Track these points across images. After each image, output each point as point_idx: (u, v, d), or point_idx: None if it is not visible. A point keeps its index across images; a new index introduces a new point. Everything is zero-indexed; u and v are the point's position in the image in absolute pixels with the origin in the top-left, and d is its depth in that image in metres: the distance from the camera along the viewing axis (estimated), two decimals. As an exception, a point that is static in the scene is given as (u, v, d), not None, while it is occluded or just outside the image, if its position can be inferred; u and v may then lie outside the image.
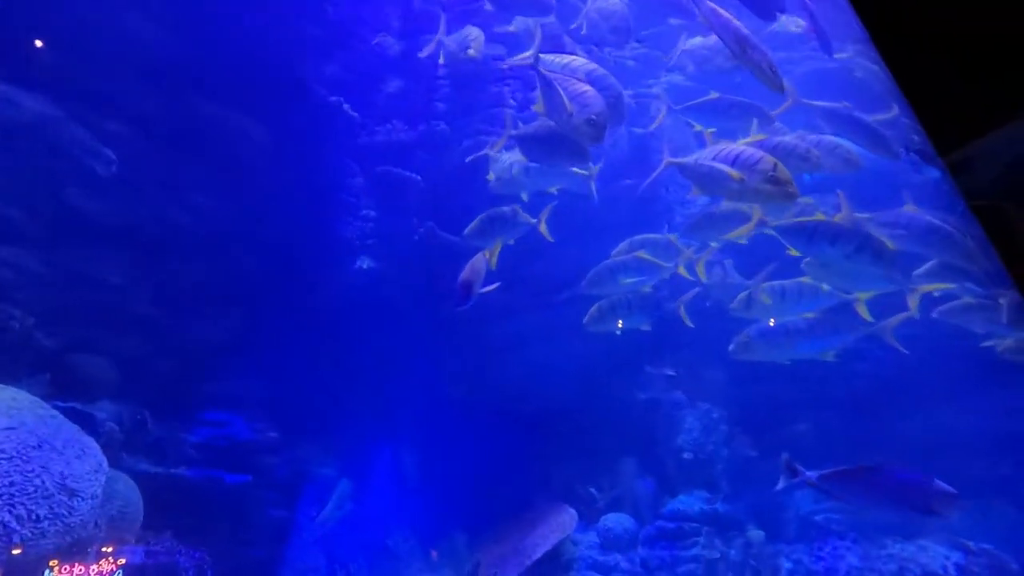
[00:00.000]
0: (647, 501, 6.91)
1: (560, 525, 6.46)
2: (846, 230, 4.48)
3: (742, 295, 5.30)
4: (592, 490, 7.01)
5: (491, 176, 5.47)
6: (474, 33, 5.60)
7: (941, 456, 6.10)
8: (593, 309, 5.79)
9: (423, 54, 5.75)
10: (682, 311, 5.76)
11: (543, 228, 5.44)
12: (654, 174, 4.71)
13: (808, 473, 4.13)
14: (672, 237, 5.65)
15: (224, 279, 6.73)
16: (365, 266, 7.05)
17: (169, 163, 6.13)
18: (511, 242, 5.49)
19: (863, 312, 4.90)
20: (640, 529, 6.66)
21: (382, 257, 7.13)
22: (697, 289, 5.86)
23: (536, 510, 6.77)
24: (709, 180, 4.10)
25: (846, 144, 4.95)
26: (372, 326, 7.10)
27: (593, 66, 4.53)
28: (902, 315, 4.93)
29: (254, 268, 6.86)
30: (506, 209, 5.40)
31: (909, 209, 4.79)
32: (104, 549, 4.68)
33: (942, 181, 5.06)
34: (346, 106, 6.76)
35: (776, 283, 5.23)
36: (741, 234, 4.79)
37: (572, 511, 6.62)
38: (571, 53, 5.02)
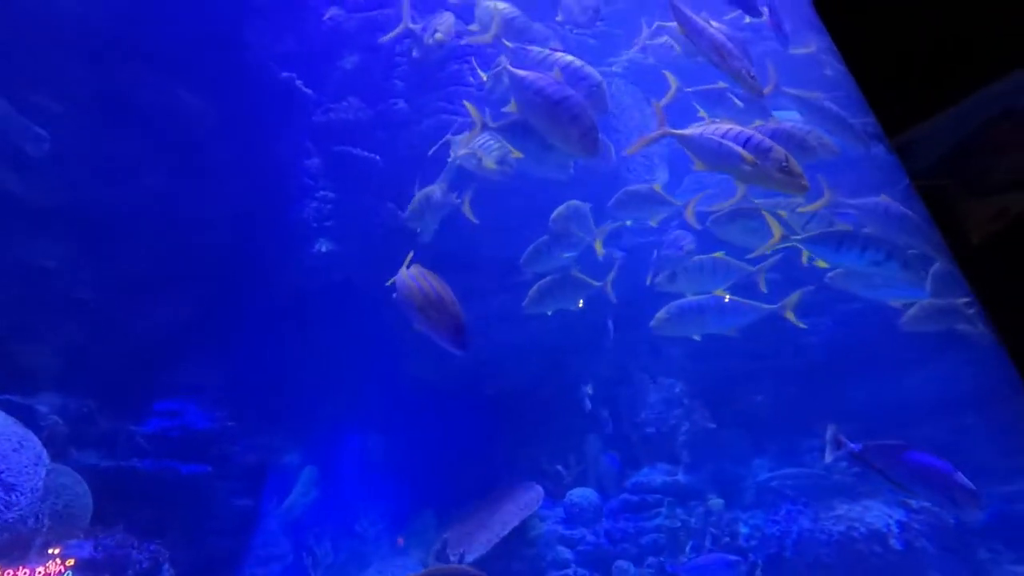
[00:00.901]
0: (611, 476, 7.06)
1: (527, 502, 6.54)
2: (874, 239, 4.53)
3: (664, 270, 5.43)
4: (558, 467, 7.11)
5: (452, 156, 5.34)
6: (444, 17, 5.39)
7: (888, 421, 6.43)
8: (532, 291, 5.78)
9: (385, 39, 5.49)
10: (609, 287, 5.82)
11: (466, 209, 5.36)
12: (645, 140, 4.39)
13: (852, 445, 4.31)
14: (656, 186, 5.63)
15: (175, 262, 6.45)
16: (324, 249, 6.87)
17: (109, 141, 5.79)
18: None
19: (763, 287, 5.14)
20: (605, 503, 6.80)
21: (341, 239, 6.96)
22: (615, 269, 5.93)
23: (503, 488, 6.83)
24: (716, 157, 3.92)
25: (820, 132, 5.04)
26: (332, 309, 6.95)
27: (569, 59, 4.33)
28: (799, 292, 5.22)
29: (207, 251, 6.59)
30: (436, 189, 5.31)
31: (884, 199, 4.96)
32: (51, 550, 4.50)
33: (886, 159, 5.26)
34: (299, 82, 6.51)
35: (696, 258, 5.37)
36: (767, 249, 4.83)
37: (539, 488, 6.71)
38: (530, 31, 4.92)
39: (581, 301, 6.19)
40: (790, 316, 5.18)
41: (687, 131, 4.05)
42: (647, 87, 6.87)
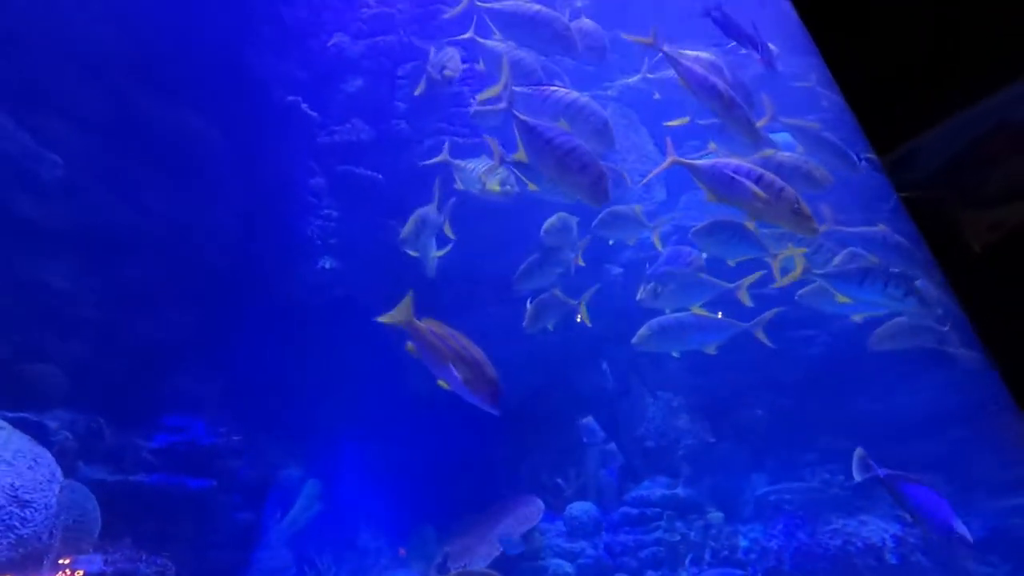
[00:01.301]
0: (611, 489, 7.12)
1: (527, 515, 6.60)
2: (895, 275, 4.66)
3: (648, 286, 5.55)
4: (559, 480, 7.17)
5: (459, 185, 5.44)
6: (450, 53, 5.50)
7: (884, 435, 6.50)
8: (529, 309, 5.89)
9: (418, 92, 5.57)
10: (583, 310, 5.92)
11: (447, 229, 5.45)
12: (657, 170, 4.52)
13: (879, 470, 4.45)
14: (637, 208, 5.74)
15: (181, 280, 6.60)
16: (328, 265, 7.01)
17: (119, 163, 5.96)
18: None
19: (745, 300, 5.29)
20: (605, 516, 6.86)
21: (344, 256, 7.10)
22: (597, 286, 6.01)
23: (504, 502, 6.90)
24: (728, 191, 4.01)
25: (816, 163, 5.19)
26: (335, 324, 7.08)
27: (574, 96, 4.44)
28: (773, 311, 5.32)
29: (213, 268, 6.74)
30: (429, 210, 5.43)
31: (882, 228, 5.16)
32: (60, 561, 4.59)
33: (874, 177, 5.40)
34: (304, 106, 6.69)
35: (677, 273, 5.49)
36: (784, 283, 4.94)
37: (539, 501, 6.78)
38: (536, 73, 4.99)
39: (582, 315, 6.26)
40: (760, 336, 5.30)
41: (698, 162, 4.13)
42: (641, 110, 7.02)
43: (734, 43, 5.36)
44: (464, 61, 5.72)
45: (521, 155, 4.07)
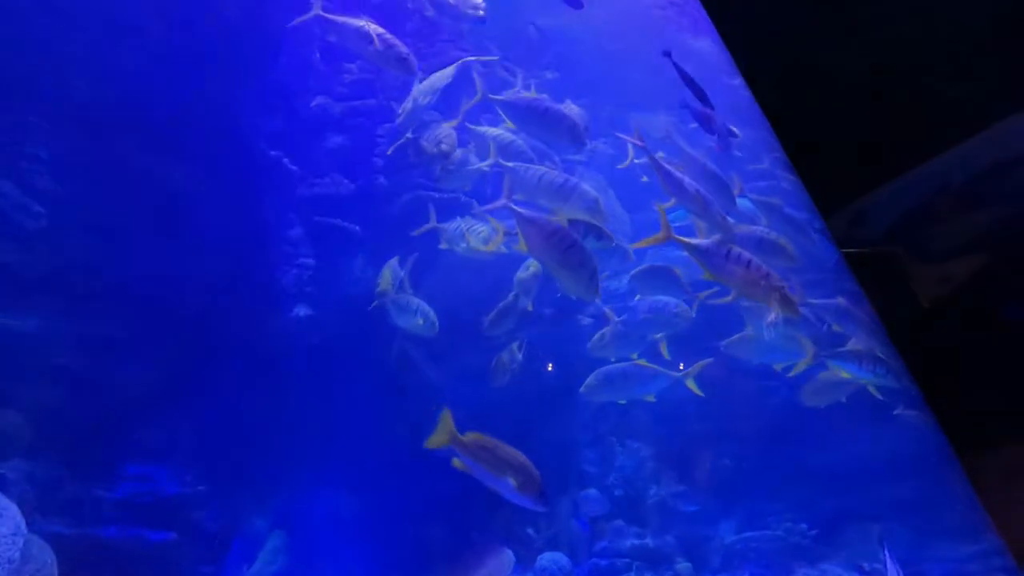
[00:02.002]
0: (581, 539, 7.14)
1: (498, 568, 6.56)
2: (883, 358, 5.27)
3: (599, 333, 5.92)
4: (529, 530, 7.17)
5: (444, 245, 5.75)
6: (447, 131, 5.88)
7: (846, 481, 6.71)
8: (494, 363, 6.12)
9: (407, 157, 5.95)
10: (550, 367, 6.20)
11: (406, 282, 5.59)
12: (649, 240, 4.73)
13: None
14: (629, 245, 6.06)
15: (152, 327, 6.60)
16: (302, 314, 7.10)
17: (102, 214, 6.08)
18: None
19: (664, 353, 5.82)
20: (575, 567, 6.85)
21: (319, 305, 7.21)
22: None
23: (474, 553, 6.85)
24: (721, 272, 4.36)
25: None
26: (308, 373, 7.10)
27: (564, 178, 4.81)
28: (703, 362, 5.76)
29: (184, 315, 6.77)
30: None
31: (841, 302, 5.72)
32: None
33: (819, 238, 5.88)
34: (285, 160, 6.94)
35: (619, 322, 5.86)
36: (801, 368, 5.50)
37: (509, 552, 6.75)
38: (526, 153, 5.36)
39: (551, 365, 6.49)
40: (691, 385, 5.66)
41: (694, 241, 4.45)
42: (609, 174, 7.45)
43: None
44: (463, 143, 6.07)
45: (523, 246, 4.38)
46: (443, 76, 5.87)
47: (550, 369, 6.84)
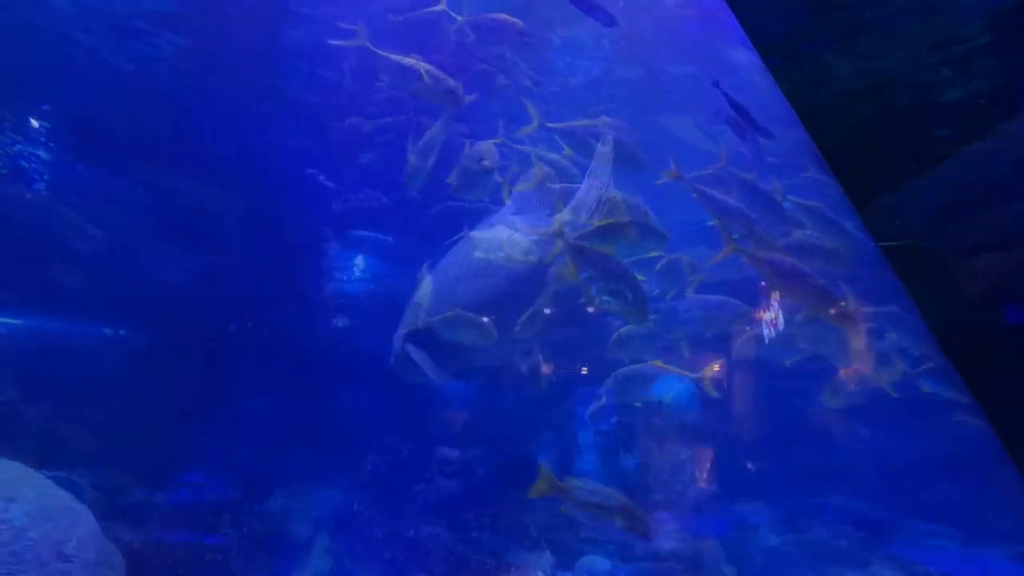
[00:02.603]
0: (621, 542, 7.12)
1: (536, 569, 6.61)
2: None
3: (615, 336, 5.94)
4: (568, 533, 7.19)
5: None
6: (487, 147, 6.08)
7: (887, 480, 6.52)
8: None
9: (451, 181, 6.17)
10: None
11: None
12: (717, 257, 4.83)
13: None
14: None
15: (201, 341, 6.96)
16: (341, 324, 7.36)
17: (152, 236, 6.47)
18: None
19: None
20: (615, 570, 6.84)
21: (356, 315, 7.45)
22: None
23: (512, 555, 6.92)
24: (785, 285, 4.54)
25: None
26: (349, 380, 7.35)
27: (612, 192, 5.04)
28: (716, 363, 5.88)
29: (232, 330, 7.11)
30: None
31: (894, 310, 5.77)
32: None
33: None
34: (321, 177, 7.23)
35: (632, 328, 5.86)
36: (886, 384, 5.64)
37: (548, 555, 6.80)
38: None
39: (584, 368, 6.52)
40: (707, 385, 5.63)
41: (761, 254, 4.56)
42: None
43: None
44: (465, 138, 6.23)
45: (572, 272, 4.65)
46: (436, 132, 6.15)
47: (584, 372, 6.87)
